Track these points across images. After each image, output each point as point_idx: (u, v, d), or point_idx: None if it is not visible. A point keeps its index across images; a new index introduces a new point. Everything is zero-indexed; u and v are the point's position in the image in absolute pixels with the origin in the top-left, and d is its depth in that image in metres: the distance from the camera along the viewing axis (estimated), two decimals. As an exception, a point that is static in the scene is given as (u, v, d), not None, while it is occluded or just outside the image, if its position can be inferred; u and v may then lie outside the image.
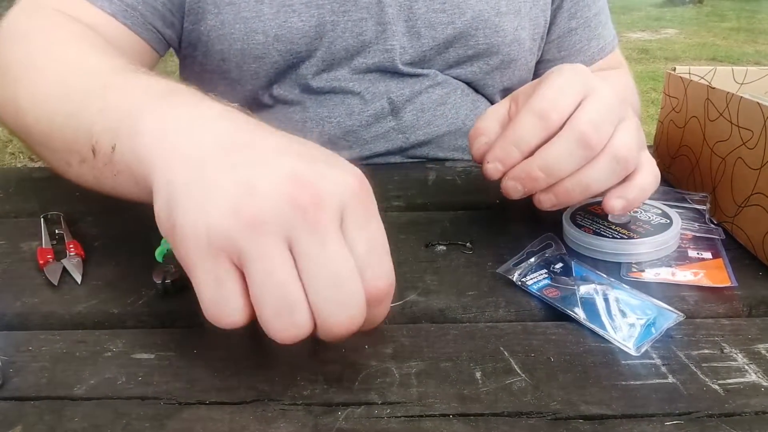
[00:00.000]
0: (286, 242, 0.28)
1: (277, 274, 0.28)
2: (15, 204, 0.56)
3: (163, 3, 0.61)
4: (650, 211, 0.47)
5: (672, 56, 5.29)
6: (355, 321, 0.29)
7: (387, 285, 0.30)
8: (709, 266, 0.42)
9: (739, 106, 0.45)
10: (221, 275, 0.28)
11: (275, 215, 0.27)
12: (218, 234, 0.28)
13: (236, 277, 0.29)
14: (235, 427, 0.29)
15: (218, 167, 0.30)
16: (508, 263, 0.43)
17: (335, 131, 0.67)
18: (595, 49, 0.75)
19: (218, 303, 0.29)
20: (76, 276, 0.42)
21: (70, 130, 0.40)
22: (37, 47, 0.48)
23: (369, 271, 0.29)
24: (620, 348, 0.35)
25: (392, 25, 0.64)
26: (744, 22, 7.49)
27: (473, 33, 0.66)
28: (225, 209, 0.28)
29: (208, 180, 0.29)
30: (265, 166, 0.29)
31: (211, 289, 0.29)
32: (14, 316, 0.39)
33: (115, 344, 0.36)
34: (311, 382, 0.32)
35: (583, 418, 0.30)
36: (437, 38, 0.65)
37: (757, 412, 0.30)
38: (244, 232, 0.27)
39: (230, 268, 0.28)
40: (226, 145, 0.31)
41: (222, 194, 0.28)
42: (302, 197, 0.28)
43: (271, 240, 0.27)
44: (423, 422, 0.30)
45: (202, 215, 0.28)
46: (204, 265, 0.29)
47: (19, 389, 0.32)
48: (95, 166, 0.38)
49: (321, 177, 0.29)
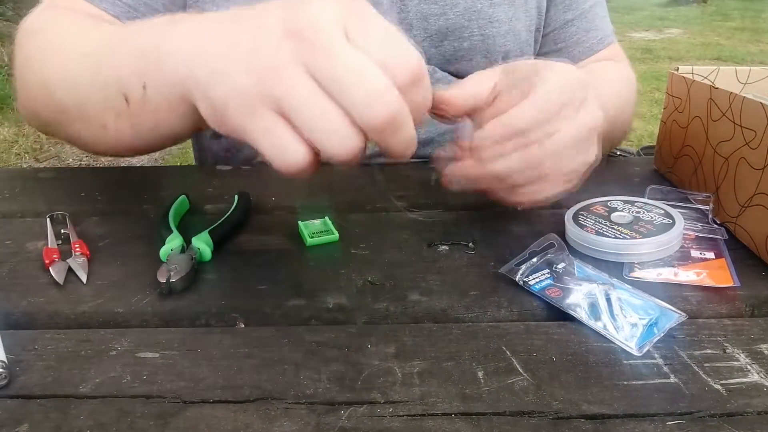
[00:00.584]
0: (307, 74, 0.31)
1: (310, 100, 0.31)
2: (21, 204, 0.56)
3: (164, 4, 0.62)
4: (653, 211, 0.47)
5: (676, 56, 5.27)
6: (391, 107, 0.31)
7: (412, 64, 0.32)
8: (711, 266, 0.42)
9: (742, 106, 0.45)
10: (269, 125, 0.32)
11: (285, 56, 0.31)
12: (248, 94, 0.32)
13: (282, 123, 0.32)
14: (239, 426, 0.30)
15: (224, 45, 0.34)
16: (511, 263, 0.43)
17: None
18: (594, 39, 0.73)
19: (277, 149, 0.32)
20: (81, 275, 0.42)
21: (99, 89, 0.44)
22: (53, 33, 0.52)
23: (391, 60, 0.31)
24: (622, 348, 0.35)
25: (384, 15, 0.64)
26: (748, 22, 7.46)
27: (467, 24, 0.65)
28: (245, 73, 0.32)
29: (221, 59, 0.34)
30: (257, 26, 0.33)
31: (265, 140, 0.32)
32: (20, 315, 0.39)
33: (120, 343, 0.36)
34: (314, 381, 0.33)
35: (585, 417, 0.30)
36: (430, 30, 0.65)
37: (759, 412, 0.30)
38: (267, 82, 0.31)
39: (274, 117, 0.32)
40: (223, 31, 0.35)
41: (237, 63, 0.33)
42: (297, 30, 0.31)
43: (291, 78, 0.31)
44: (425, 421, 0.30)
45: (231, 86, 0.33)
46: (251, 124, 0.32)
47: (25, 387, 0.32)
48: (132, 113, 0.42)
49: (304, 8, 0.32)
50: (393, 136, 0.32)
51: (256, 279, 0.43)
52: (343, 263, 0.44)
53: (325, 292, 0.41)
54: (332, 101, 0.31)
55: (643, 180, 0.59)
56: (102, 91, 0.44)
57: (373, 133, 0.32)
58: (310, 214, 0.51)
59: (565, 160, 0.43)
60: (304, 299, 0.40)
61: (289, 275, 0.43)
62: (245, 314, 0.39)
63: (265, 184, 0.60)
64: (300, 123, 0.31)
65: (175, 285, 0.40)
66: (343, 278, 0.43)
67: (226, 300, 0.40)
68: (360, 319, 0.39)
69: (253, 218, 0.52)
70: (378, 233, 0.49)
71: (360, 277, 0.42)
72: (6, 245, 0.48)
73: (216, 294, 0.41)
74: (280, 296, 0.40)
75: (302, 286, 0.42)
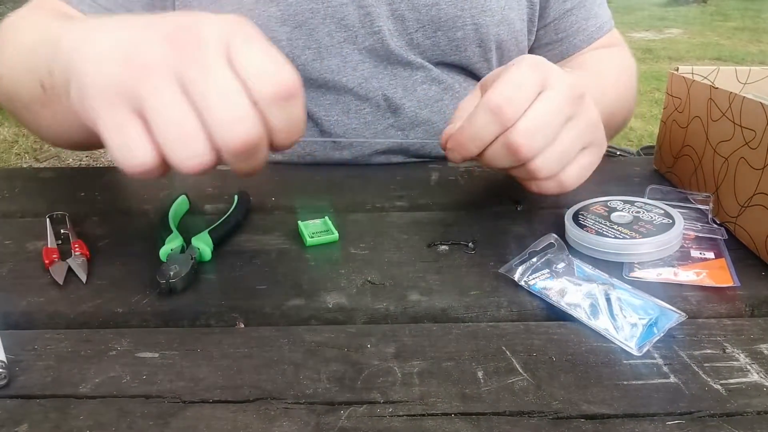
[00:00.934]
0: (177, 82, 0.31)
1: (170, 108, 0.31)
2: (21, 204, 0.56)
3: (143, 6, 0.63)
4: (653, 211, 0.47)
5: (676, 56, 5.27)
6: (249, 134, 0.31)
7: (285, 81, 0.32)
8: (711, 266, 0.42)
9: (742, 106, 0.45)
10: (122, 121, 0.32)
11: (161, 59, 0.31)
12: (113, 83, 0.31)
13: (137, 122, 0.32)
14: (238, 426, 0.30)
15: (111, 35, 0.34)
16: (511, 263, 0.43)
17: (334, 129, 0.67)
18: (593, 27, 0.74)
19: (123, 147, 0.32)
20: (81, 275, 0.42)
21: (27, 79, 0.47)
22: (18, 26, 0.55)
23: (264, 76, 0.32)
24: (622, 348, 0.35)
25: (375, 7, 0.64)
26: (748, 22, 7.46)
27: (459, 14, 0.65)
28: (117, 62, 0.32)
29: (102, 45, 0.33)
30: (151, 26, 0.33)
31: (115, 134, 0.32)
32: (20, 315, 0.39)
33: (119, 343, 0.36)
34: (314, 381, 0.33)
35: (584, 417, 0.30)
36: (422, 20, 0.65)
37: (759, 412, 0.30)
38: (135, 77, 0.31)
39: (130, 114, 0.32)
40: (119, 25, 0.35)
41: (114, 51, 0.32)
42: (183, 39, 0.32)
43: (160, 80, 0.31)
44: (425, 421, 0.30)
45: (98, 71, 0.32)
46: (106, 114, 0.32)
47: (24, 387, 0.32)
48: (48, 101, 0.43)
49: (199, 22, 0.33)
50: (244, 162, 0.33)
51: (256, 279, 0.43)
52: (342, 263, 0.44)
53: (324, 292, 0.41)
54: (194, 114, 0.31)
55: (642, 180, 0.59)
56: (32, 80, 0.45)
57: (226, 154, 0.32)
58: (309, 214, 0.51)
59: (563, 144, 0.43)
60: (303, 299, 0.40)
61: (289, 275, 0.43)
62: (245, 314, 0.39)
63: (265, 184, 0.60)
64: (155, 126, 0.31)
65: (174, 285, 0.40)
66: (342, 278, 0.43)
67: (226, 300, 0.40)
68: (360, 319, 0.39)
69: (253, 218, 0.52)
70: (378, 233, 0.49)
71: (360, 277, 0.42)
72: (6, 245, 0.48)
73: (216, 294, 0.41)
74: (280, 296, 0.40)
75: (302, 286, 0.42)
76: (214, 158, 0.32)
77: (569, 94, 0.42)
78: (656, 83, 4.01)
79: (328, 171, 0.64)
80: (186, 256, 0.43)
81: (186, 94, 0.31)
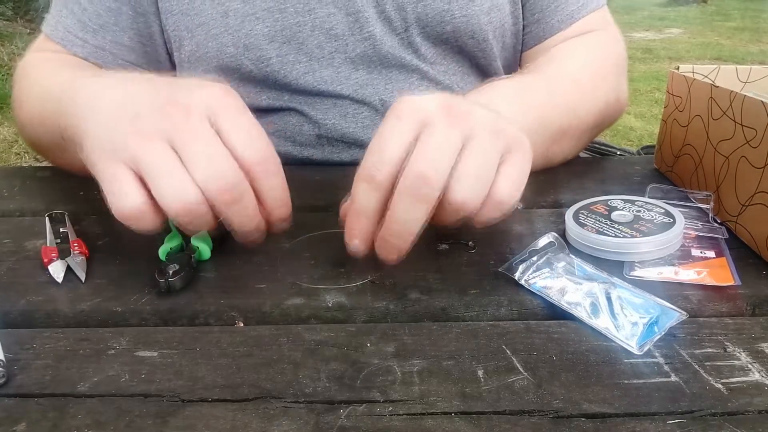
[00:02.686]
0: (169, 145, 0.37)
1: (161, 161, 0.37)
2: (20, 203, 0.56)
3: (130, 37, 0.65)
4: (653, 210, 0.47)
5: (676, 56, 5.27)
6: (229, 179, 0.37)
7: (260, 154, 0.39)
8: (712, 265, 0.42)
9: (742, 105, 0.45)
10: (118, 173, 0.38)
11: (154, 127, 0.38)
12: (115, 144, 0.38)
13: (131, 174, 0.37)
14: (238, 425, 0.29)
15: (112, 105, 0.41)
16: (511, 262, 0.43)
17: (332, 134, 0.66)
18: (574, 6, 0.67)
19: (115, 193, 0.38)
20: (80, 274, 0.42)
21: (45, 129, 0.55)
22: (33, 78, 0.62)
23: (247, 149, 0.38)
24: (623, 347, 0.35)
25: (363, 12, 0.63)
26: (748, 22, 7.46)
27: (446, 8, 0.64)
28: (121, 130, 0.38)
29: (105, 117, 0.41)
30: (146, 99, 0.40)
31: (109, 184, 0.38)
32: (18, 313, 0.39)
33: (118, 342, 0.36)
34: (313, 380, 0.32)
35: (585, 416, 0.30)
36: (408, 19, 0.64)
37: (760, 411, 0.30)
38: (133, 140, 0.37)
39: (125, 169, 0.37)
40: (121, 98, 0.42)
41: (117, 121, 0.39)
42: (174, 111, 0.38)
43: (154, 143, 0.37)
44: (425, 420, 0.30)
45: (102, 135, 0.39)
46: (105, 167, 0.38)
47: (22, 386, 0.32)
48: (67, 149, 0.48)
49: (189, 93, 0.39)
50: (229, 208, 0.38)
51: (255, 278, 0.42)
52: (342, 262, 0.44)
53: (324, 291, 0.41)
54: (183, 169, 0.37)
55: (643, 179, 0.59)
56: (52, 132, 0.52)
57: (211, 198, 0.37)
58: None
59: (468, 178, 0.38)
60: (303, 298, 0.40)
61: (288, 274, 0.43)
62: (244, 313, 0.39)
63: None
64: (147, 175, 0.37)
65: (173, 284, 0.40)
66: (342, 277, 0.42)
67: (225, 299, 0.40)
68: (359, 318, 0.39)
69: (253, 217, 0.52)
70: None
71: (359, 276, 0.42)
72: (4, 244, 0.48)
73: (215, 293, 0.41)
74: (279, 295, 0.40)
75: (301, 284, 0.42)
76: (200, 198, 0.37)
77: (450, 134, 0.38)
78: (656, 83, 4.01)
79: (327, 171, 0.64)
80: (185, 255, 0.43)
81: (176, 153, 0.37)
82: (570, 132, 0.61)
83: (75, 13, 0.65)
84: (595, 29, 0.68)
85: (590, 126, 0.64)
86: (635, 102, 3.54)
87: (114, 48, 0.66)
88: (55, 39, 0.65)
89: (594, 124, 0.64)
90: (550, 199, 0.55)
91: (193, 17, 0.63)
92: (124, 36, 0.65)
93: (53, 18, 0.66)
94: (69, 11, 0.65)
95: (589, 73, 0.64)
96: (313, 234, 0.48)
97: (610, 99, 0.66)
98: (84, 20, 0.65)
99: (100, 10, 0.64)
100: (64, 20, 0.65)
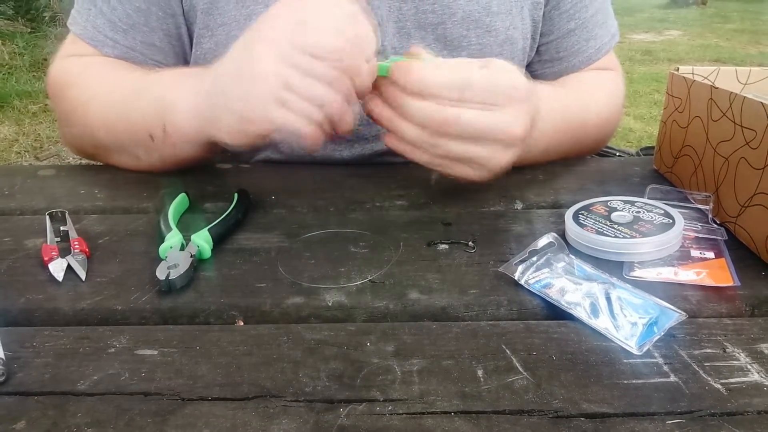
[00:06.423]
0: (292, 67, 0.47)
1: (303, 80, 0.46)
2: (20, 201, 0.56)
3: (160, 38, 0.65)
4: (653, 210, 0.47)
5: (675, 58, 5.27)
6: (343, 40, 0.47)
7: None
8: (711, 266, 0.42)
9: (742, 106, 0.45)
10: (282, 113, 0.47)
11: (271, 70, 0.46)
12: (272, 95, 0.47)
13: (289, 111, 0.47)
14: (237, 423, 0.30)
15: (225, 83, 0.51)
16: (511, 262, 0.43)
17: None
18: (593, 49, 0.75)
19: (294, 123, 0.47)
20: (80, 273, 0.42)
21: (130, 131, 0.59)
22: (87, 85, 0.63)
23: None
24: (622, 347, 0.35)
25: (383, 26, 0.64)
26: (748, 24, 7.46)
27: (465, 34, 0.66)
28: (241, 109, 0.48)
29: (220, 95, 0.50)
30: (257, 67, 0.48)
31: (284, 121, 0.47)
32: (19, 312, 0.39)
33: (118, 340, 0.36)
34: (313, 379, 0.32)
35: (584, 416, 0.30)
36: (427, 39, 0.65)
37: (759, 412, 0.30)
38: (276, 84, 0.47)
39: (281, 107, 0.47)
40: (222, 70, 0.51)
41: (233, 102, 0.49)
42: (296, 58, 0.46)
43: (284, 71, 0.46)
44: (425, 419, 0.30)
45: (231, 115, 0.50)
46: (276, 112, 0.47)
47: (23, 384, 0.32)
48: (157, 148, 0.57)
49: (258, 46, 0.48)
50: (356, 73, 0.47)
51: (255, 277, 0.42)
52: (342, 261, 0.44)
53: (324, 290, 0.41)
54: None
55: (643, 180, 0.59)
56: (132, 131, 0.58)
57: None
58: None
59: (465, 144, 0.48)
60: (303, 297, 0.40)
61: (289, 273, 0.43)
62: (244, 312, 0.39)
63: (265, 182, 0.60)
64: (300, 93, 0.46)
65: (174, 282, 0.40)
66: (342, 276, 0.42)
67: (225, 297, 0.40)
68: (359, 317, 0.39)
69: (253, 216, 0.52)
70: (378, 232, 0.49)
71: (360, 276, 0.42)
72: (5, 242, 0.48)
73: (215, 291, 0.41)
74: (279, 294, 0.40)
75: (301, 284, 0.42)
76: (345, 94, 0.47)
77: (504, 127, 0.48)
78: (656, 85, 4.01)
79: (328, 170, 0.64)
80: (185, 253, 0.43)
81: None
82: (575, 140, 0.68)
83: (104, 13, 0.64)
84: (608, 68, 0.77)
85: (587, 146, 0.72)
86: (635, 103, 3.54)
87: (144, 48, 0.65)
88: (84, 38, 0.65)
89: (589, 147, 0.73)
90: (550, 200, 0.56)
91: (215, 17, 0.63)
92: (154, 36, 0.65)
93: (81, 16, 0.65)
94: (98, 10, 0.64)
95: (603, 99, 0.73)
96: (313, 234, 0.48)
97: (610, 129, 0.75)
98: (114, 20, 0.64)
99: (129, 11, 0.64)
100: (93, 19, 0.64)
